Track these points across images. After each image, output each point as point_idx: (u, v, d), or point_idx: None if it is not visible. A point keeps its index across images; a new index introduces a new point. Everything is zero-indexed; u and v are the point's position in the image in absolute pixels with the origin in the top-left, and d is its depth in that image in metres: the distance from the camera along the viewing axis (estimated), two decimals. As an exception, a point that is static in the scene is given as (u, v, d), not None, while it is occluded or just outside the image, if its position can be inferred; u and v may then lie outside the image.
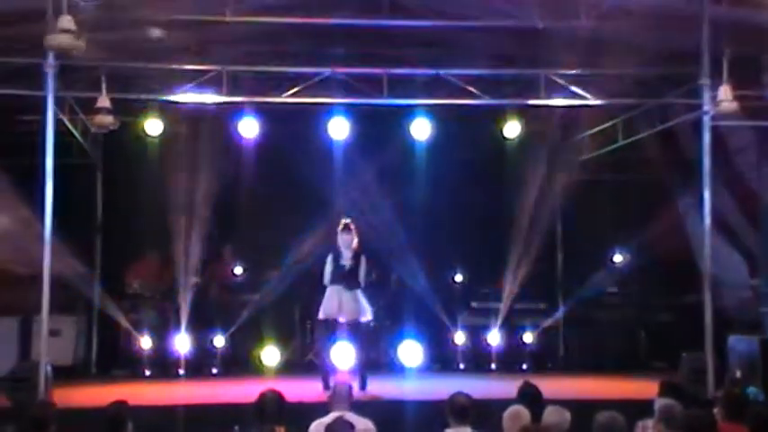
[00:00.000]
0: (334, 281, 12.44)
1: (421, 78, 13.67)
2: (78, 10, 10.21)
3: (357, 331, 12.64)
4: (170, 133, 15.29)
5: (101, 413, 7.37)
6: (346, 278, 12.40)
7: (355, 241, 12.52)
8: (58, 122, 11.68)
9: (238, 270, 16.04)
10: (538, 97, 13.40)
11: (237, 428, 7.56)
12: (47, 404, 8.70)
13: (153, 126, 15.02)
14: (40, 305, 11.02)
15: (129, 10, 11.48)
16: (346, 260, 12.43)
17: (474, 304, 16.22)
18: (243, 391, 11.17)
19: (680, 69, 12.71)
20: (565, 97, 13.51)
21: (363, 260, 12.55)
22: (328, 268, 12.49)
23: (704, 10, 11.25)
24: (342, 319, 12.49)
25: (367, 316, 12.68)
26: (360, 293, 12.52)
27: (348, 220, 12.68)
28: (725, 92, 11.69)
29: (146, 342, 15.03)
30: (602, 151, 15.67)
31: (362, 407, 8.22)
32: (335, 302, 12.37)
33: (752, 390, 10.50)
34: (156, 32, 12.31)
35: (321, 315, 12.59)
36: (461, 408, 7.31)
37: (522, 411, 7.09)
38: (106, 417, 7.20)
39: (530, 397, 7.72)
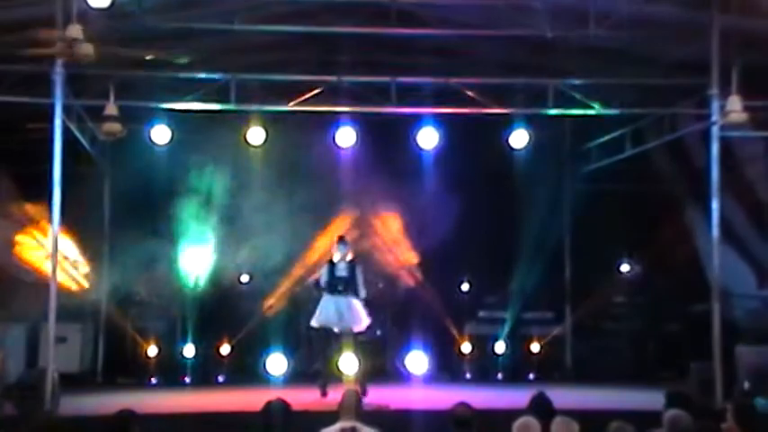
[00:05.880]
0: (329, 290, 12.46)
1: (429, 87, 13.64)
2: (87, 18, 10.21)
3: (352, 340, 12.71)
4: (177, 141, 15.26)
5: (107, 421, 7.33)
6: (342, 288, 12.44)
7: (350, 253, 12.58)
8: (66, 130, 11.69)
9: (245, 278, 16.03)
10: (546, 107, 13.39)
11: (244, 437, 7.52)
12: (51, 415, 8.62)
13: (160, 134, 14.98)
14: (47, 312, 11.02)
15: (138, 18, 11.49)
16: (342, 271, 12.47)
17: (481, 314, 16.21)
18: (249, 399, 11.14)
19: (689, 79, 12.69)
20: (573, 107, 13.49)
21: (359, 271, 12.61)
22: (323, 278, 12.56)
23: (713, 20, 11.23)
24: (336, 329, 12.54)
25: (361, 326, 12.68)
26: (355, 303, 12.53)
27: (342, 233, 12.77)
28: (734, 102, 11.66)
29: (152, 350, 15.02)
30: (610, 161, 15.62)
31: (370, 416, 8.18)
32: (332, 312, 12.39)
33: (760, 401, 10.43)
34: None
35: (316, 323, 12.59)
36: (462, 419, 7.26)
37: (532, 423, 7.04)
38: (112, 423, 7.16)
39: (541, 408, 7.66)
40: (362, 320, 12.60)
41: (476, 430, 7.20)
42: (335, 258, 12.56)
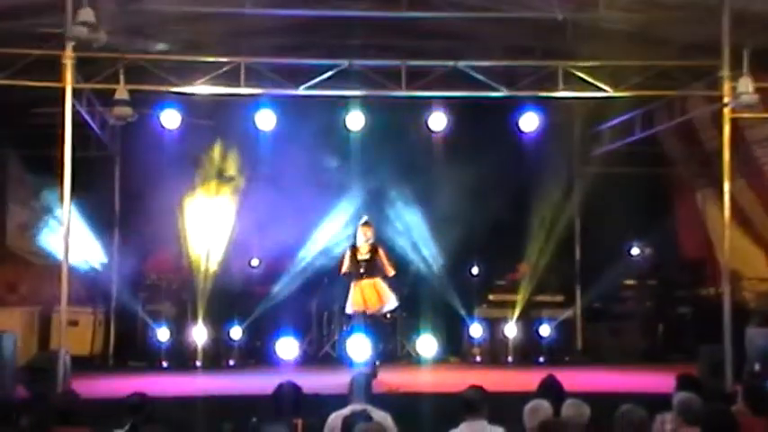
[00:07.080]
0: (353, 276, 12.57)
1: (439, 70, 13.59)
2: (98, 2, 10.22)
3: (378, 321, 12.87)
4: (187, 125, 15.25)
5: (118, 404, 7.37)
6: (366, 271, 12.55)
7: (372, 236, 12.70)
8: (76, 114, 11.70)
9: (255, 262, 16.06)
10: (556, 90, 13.35)
11: (255, 420, 7.54)
12: (71, 394, 8.63)
13: (170, 118, 14.97)
14: (59, 296, 11.07)
15: (148, 2, 11.48)
16: (364, 254, 12.54)
17: (491, 297, 16.20)
18: (260, 382, 11.17)
19: (699, 61, 12.63)
20: (583, 89, 13.44)
21: (381, 251, 12.75)
22: (346, 261, 12.66)
23: (724, 1, 11.17)
24: (368, 311, 12.64)
25: (392, 304, 12.84)
26: (382, 283, 12.62)
27: (367, 217, 12.92)
28: (745, 84, 11.62)
29: (163, 333, 15.07)
30: (620, 143, 15.59)
31: (380, 399, 8.20)
32: (360, 297, 12.51)
33: (771, 383, 10.43)
34: None
35: (349, 310, 12.71)
36: (473, 402, 7.27)
37: (544, 405, 7.05)
38: (125, 406, 7.20)
39: (551, 391, 7.68)
40: (391, 300, 12.77)
41: (487, 413, 7.22)
42: (359, 242, 12.67)
